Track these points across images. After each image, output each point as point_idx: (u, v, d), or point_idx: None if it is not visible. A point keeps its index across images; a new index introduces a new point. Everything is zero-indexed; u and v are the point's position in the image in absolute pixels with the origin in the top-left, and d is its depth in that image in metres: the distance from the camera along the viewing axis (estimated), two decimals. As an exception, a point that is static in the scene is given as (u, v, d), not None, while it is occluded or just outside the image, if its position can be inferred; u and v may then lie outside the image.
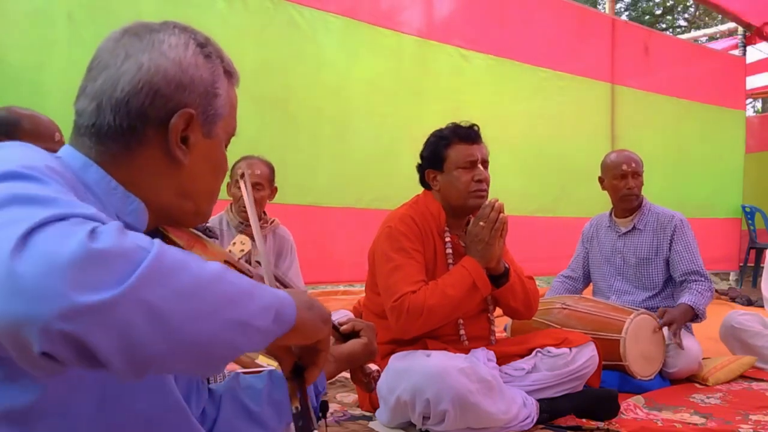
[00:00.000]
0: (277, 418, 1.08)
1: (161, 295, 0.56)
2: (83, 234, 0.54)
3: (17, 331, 0.52)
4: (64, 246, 0.53)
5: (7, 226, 0.54)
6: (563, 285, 3.28)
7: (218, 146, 0.89)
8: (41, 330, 0.51)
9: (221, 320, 0.60)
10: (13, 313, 0.52)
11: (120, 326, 0.54)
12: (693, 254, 2.95)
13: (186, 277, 0.58)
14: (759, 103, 14.53)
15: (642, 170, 3.06)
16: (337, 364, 1.17)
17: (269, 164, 2.93)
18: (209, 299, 0.60)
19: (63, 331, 0.52)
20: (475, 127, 2.24)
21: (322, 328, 0.79)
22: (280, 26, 3.86)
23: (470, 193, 2.18)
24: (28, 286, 0.52)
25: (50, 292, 0.51)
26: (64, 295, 0.52)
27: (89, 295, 0.52)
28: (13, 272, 0.52)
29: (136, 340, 0.55)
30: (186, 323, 0.57)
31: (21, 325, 0.52)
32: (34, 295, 0.51)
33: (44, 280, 0.52)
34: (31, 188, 0.60)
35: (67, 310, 0.51)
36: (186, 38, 0.84)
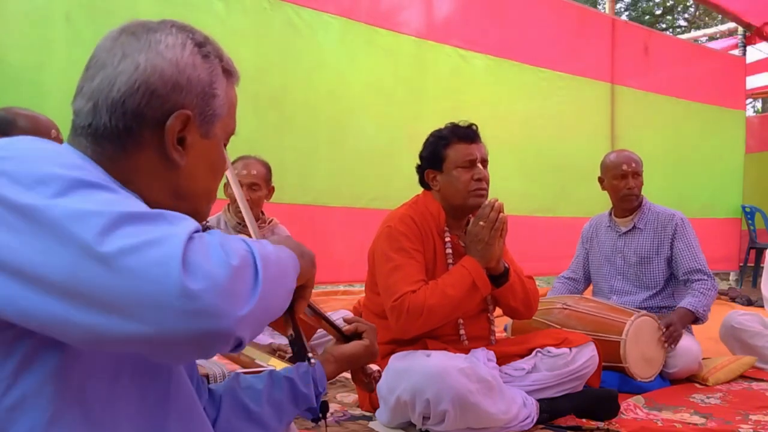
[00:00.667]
0: (277, 418, 1.08)
1: (268, 287, 0.69)
2: (220, 252, 0.65)
3: (202, 343, 0.63)
4: (215, 266, 0.64)
5: (155, 247, 0.61)
6: (565, 286, 3.27)
7: (216, 146, 0.88)
8: (224, 339, 0.64)
9: (284, 291, 0.79)
10: (200, 330, 0.62)
11: (256, 321, 0.68)
12: (695, 252, 2.95)
13: (271, 267, 0.71)
14: (759, 103, 14.53)
15: (642, 170, 3.05)
16: (338, 365, 1.17)
17: (266, 164, 2.92)
18: (280, 277, 0.76)
19: (237, 336, 0.65)
20: (474, 127, 2.24)
21: (311, 270, 0.95)
22: (277, 27, 3.86)
23: (470, 192, 2.18)
24: (208, 307, 0.62)
25: (226, 310, 0.63)
26: (235, 311, 0.64)
27: (244, 307, 0.65)
28: (190, 294, 0.61)
29: (259, 327, 0.71)
30: (275, 302, 0.74)
31: (208, 339, 0.63)
32: (215, 314, 0.62)
33: (218, 300, 0.62)
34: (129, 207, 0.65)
35: (239, 322, 0.64)
36: (184, 38, 0.83)
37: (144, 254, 0.60)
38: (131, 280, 0.60)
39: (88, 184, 0.66)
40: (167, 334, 0.61)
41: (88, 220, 0.61)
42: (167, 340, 0.62)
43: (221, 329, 0.63)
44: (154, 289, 0.60)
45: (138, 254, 0.60)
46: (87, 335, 0.62)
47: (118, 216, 0.62)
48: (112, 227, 0.61)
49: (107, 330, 0.61)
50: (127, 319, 0.60)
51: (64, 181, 0.65)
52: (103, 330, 0.61)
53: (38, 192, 0.63)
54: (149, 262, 0.60)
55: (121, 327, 0.60)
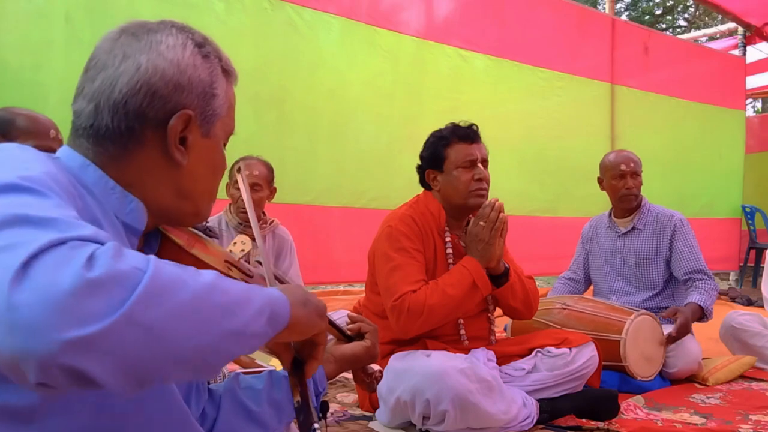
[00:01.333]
0: (276, 418, 1.08)
1: (157, 316, 0.56)
2: (80, 262, 0.54)
3: (15, 364, 0.53)
4: (61, 277, 0.53)
5: (6, 252, 0.54)
6: (565, 287, 3.27)
7: (217, 146, 0.88)
8: (38, 365, 0.52)
9: (217, 332, 0.61)
10: (11, 346, 0.52)
11: (117, 352, 0.54)
12: (695, 253, 2.95)
13: (181, 295, 0.59)
14: (759, 103, 14.53)
15: (641, 170, 3.05)
16: (338, 365, 1.17)
17: (268, 165, 2.92)
18: (204, 314, 0.60)
19: (60, 364, 0.52)
20: (474, 127, 2.24)
21: (317, 323, 0.80)
22: (278, 27, 3.86)
23: (470, 192, 2.18)
24: (26, 321, 0.52)
25: (47, 327, 0.52)
26: (60, 329, 0.52)
27: (86, 327, 0.53)
28: (12, 304, 0.52)
29: (133, 362, 0.56)
30: (183, 340, 0.58)
31: (18, 358, 0.52)
32: (32, 330, 0.52)
33: (41, 314, 0.52)
34: (30, 206, 0.60)
35: (64, 345, 0.52)
36: (184, 38, 0.83)
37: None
38: None
39: (10, 188, 0.62)
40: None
41: None
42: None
43: (32, 350, 0.51)
44: None
45: None
46: None
47: (4, 218, 0.57)
48: None
49: None
50: None
51: None
52: None
53: None
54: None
55: None
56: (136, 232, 0.83)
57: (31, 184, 0.63)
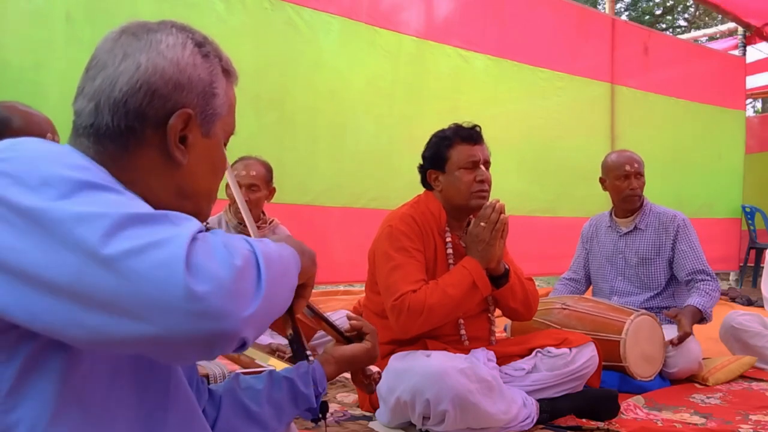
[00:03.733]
0: (276, 418, 1.08)
1: (271, 286, 0.70)
2: (222, 252, 0.66)
3: (206, 344, 0.64)
4: (219, 267, 0.64)
5: (157, 249, 0.62)
6: (566, 288, 3.27)
7: (217, 146, 0.88)
8: (228, 341, 0.65)
9: (287, 289, 0.79)
10: (204, 330, 0.62)
11: (260, 321, 0.69)
12: (697, 253, 2.95)
13: (274, 265, 0.72)
14: (759, 103, 14.53)
15: (643, 170, 3.06)
16: (337, 366, 1.17)
17: (266, 164, 2.92)
18: (283, 276, 0.76)
19: (241, 337, 0.66)
20: (477, 128, 2.24)
21: (312, 268, 0.95)
22: (278, 27, 3.86)
23: (472, 193, 2.18)
24: (212, 308, 0.62)
25: (231, 311, 0.64)
26: (240, 311, 0.64)
27: (249, 307, 0.66)
28: (194, 295, 0.61)
29: (262, 326, 0.71)
30: (278, 300, 0.74)
31: (212, 339, 0.63)
32: (220, 315, 0.63)
33: (223, 301, 0.63)
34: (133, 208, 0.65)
35: (243, 323, 0.65)
36: (184, 38, 0.83)
37: (147, 256, 0.61)
38: (136, 283, 0.60)
39: (92, 186, 0.66)
40: (174, 335, 0.62)
41: (93, 222, 0.62)
42: (174, 341, 0.62)
43: (226, 330, 0.63)
44: (159, 291, 0.60)
45: (142, 256, 0.61)
46: (94, 336, 0.63)
47: (121, 218, 0.63)
48: (116, 229, 0.62)
49: (114, 331, 0.62)
50: (134, 321, 0.61)
51: (69, 183, 0.65)
52: (110, 331, 0.62)
53: (43, 194, 0.64)
54: (153, 265, 0.61)
55: (129, 328, 0.61)
56: None
57: (103, 181, 0.69)
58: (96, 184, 0.67)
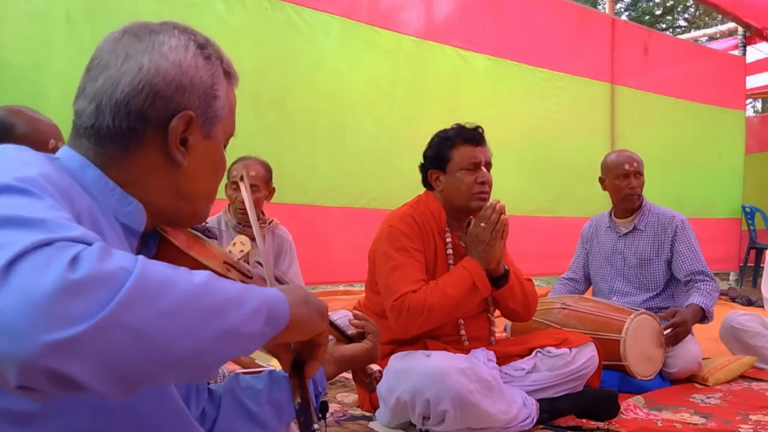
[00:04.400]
0: (276, 419, 1.08)
1: (144, 316, 0.55)
2: (64, 263, 0.53)
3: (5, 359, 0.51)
4: (43, 278, 0.52)
5: None
6: (565, 287, 3.27)
7: (217, 147, 0.89)
8: (18, 368, 0.51)
9: (210, 333, 0.60)
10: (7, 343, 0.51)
11: (100, 355, 0.53)
12: (696, 254, 2.95)
13: (171, 295, 0.58)
14: (759, 103, 14.53)
15: (643, 170, 3.06)
16: (338, 365, 1.17)
17: (266, 165, 2.92)
18: (196, 314, 0.59)
19: (42, 367, 0.51)
20: (480, 129, 2.23)
21: (318, 323, 0.80)
22: (278, 27, 3.86)
23: (473, 195, 2.18)
24: (6, 324, 0.51)
25: (28, 330, 0.51)
26: (41, 332, 0.51)
27: (67, 329, 0.51)
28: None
29: (119, 365, 0.54)
30: (173, 341, 0.57)
31: (2, 361, 0.51)
32: (12, 333, 0.51)
33: (21, 317, 0.51)
34: (22, 206, 0.59)
35: (45, 348, 0.51)
36: (186, 39, 0.83)
37: None
38: None
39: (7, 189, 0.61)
40: None
41: None
42: None
43: (14, 353, 0.50)
44: None
45: None
46: None
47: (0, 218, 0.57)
48: None
49: None
50: None
51: None
52: None
53: None
54: None
55: None
56: (135, 234, 0.83)
57: (24, 185, 0.62)
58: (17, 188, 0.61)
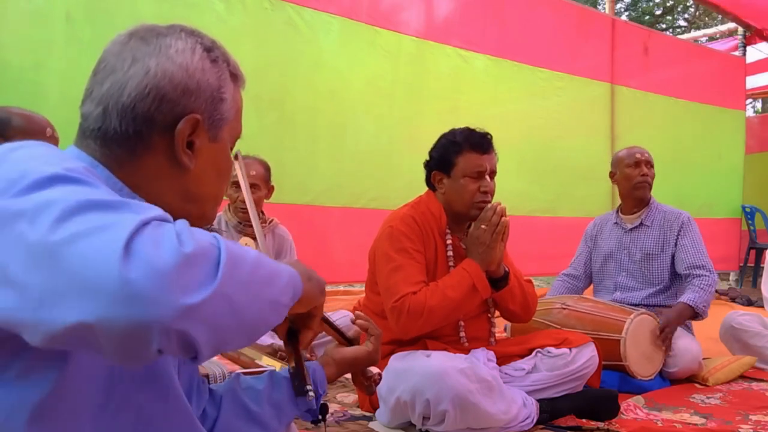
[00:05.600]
0: (277, 419, 1.08)
1: (234, 286, 0.63)
2: (173, 239, 0.60)
3: (138, 333, 0.58)
4: (163, 252, 0.59)
5: (101, 233, 0.58)
6: (564, 284, 3.27)
7: (224, 150, 0.89)
8: (161, 330, 0.58)
9: (265, 301, 0.69)
10: (132, 316, 0.57)
11: (213, 320, 0.61)
12: (699, 249, 2.96)
13: (245, 266, 0.66)
14: (759, 103, 14.53)
15: (653, 164, 3.08)
16: (339, 368, 1.17)
17: (265, 164, 2.93)
18: (258, 284, 0.68)
19: (178, 330, 0.59)
20: (489, 136, 2.21)
21: (318, 297, 0.88)
22: (278, 27, 3.85)
23: (474, 203, 2.17)
24: (144, 292, 0.57)
25: (165, 295, 0.58)
26: (175, 298, 0.58)
27: (193, 296, 0.59)
28: (127, 279, 0.56)
29: (220, 331, 0.63)
30: (247, 308, 0.66)
31: (143, 327, 0.57)
32: (152, 299, 0.57)
33: (157, 285, 0.57)
34: (92, 193, 0.63)
35: (180, 312, 0.58)
36: (193, 42, 0.83)
37: (90, 240, 0.58)
38: (75, 267, 0.57)
39: (62, 179, 0.63)
40: (105, 322, 0.57)
41: (48, 210, 0.59)
42: (106, 329, 0.57)
43: (157, 317, 0.57)
44: (94, 275, 0.57)
45: (84, 240, 0.58)
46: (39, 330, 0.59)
47: (76, 204, 0.60)
48: (69, 215, 0.59)
49: (53, 321, 0.57)
50: (70, 308, 0.57)
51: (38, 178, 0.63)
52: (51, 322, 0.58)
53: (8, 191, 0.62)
54: (92, 248, 0.57)
55: (66, 316, 0.57)
56: None
57: (78, 175, 0.65)
58: (66, 177, 0.64)
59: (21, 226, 0.59)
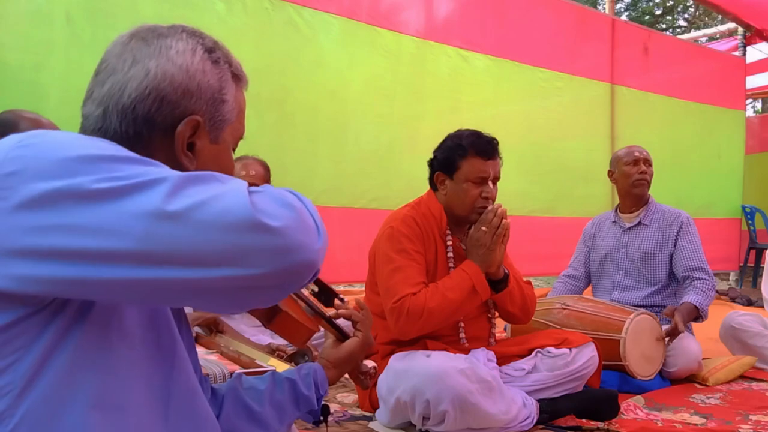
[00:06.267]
0: (278, 419, 1.09)
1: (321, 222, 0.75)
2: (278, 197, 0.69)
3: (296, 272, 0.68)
4: (282, 208, 0.68)
5: (222, 199, 0.64)
6: (565, 285, 3.27)
7: (225, 151, 0.89)
8: (311, 270, 0.70)
9: None
10: (291, 262, 0.67)
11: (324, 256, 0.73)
12: (697, 251, 2.96)
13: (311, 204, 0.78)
14: (759, 103, 14.53)
15: (652, 163, 3.09)
16: (338, 369, 1.18)
17: (264, 164, 2.93)
18: None
19: (318, 268, 0.71)
20: (495, 142, 2.21)
21: None
22: (278, 27, 3.85)
23: (475, 208, 2.18)
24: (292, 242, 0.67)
25: (305, 243, 0.69)
26: (312, 244, 0.69)
27: (318, 241, 0.71)
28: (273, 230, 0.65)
29: None
30: None
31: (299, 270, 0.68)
32: (299, 247, 0.67)
33: (297, 235, 0.68)
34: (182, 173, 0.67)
35: (318, 255, 0.70)
36: (194, 43, 0.83)
37: (213, 207, 0.63)
38: (207, 232, 0.63)
39: (135, 160, 0.68)
40: (267, 273, 0.65)
41: (152, 187, 0.64)
42: (266, 279, 0.66)
43: (308, 260, 0.68)
44: (234, 235, 0.63)
45: (207, 207, 0.63)
46: (186, 291, 0.66)
47: (179, 178, 0.65)
48: (177, 189, 0.64)
49: (201, 280, 0.64)
50: (224, 268, 0.64)
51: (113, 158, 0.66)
52: (198, 281, 0.64)
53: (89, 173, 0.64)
54: (220, 212, 0.63)
55: (220, 274, 0.64)
56: None
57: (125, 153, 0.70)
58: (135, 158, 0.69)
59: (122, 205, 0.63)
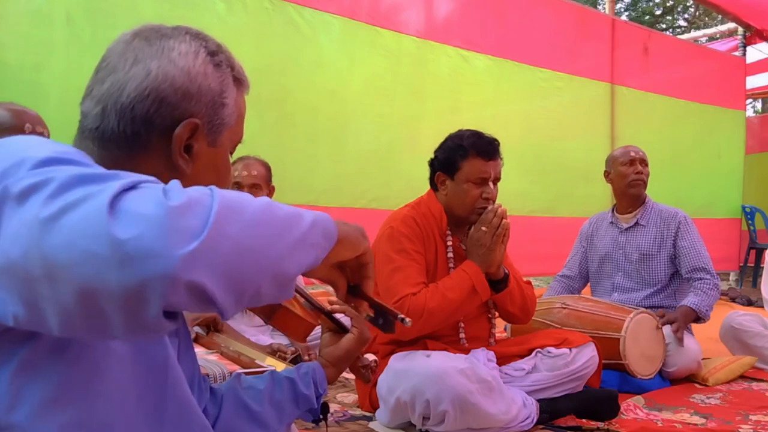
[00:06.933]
0: (277, 419, 1.09)
1: (238, 228, 0.60)
2: (159, 195, 0.58)
3: (141, 293, 0.55)
4: (150, 207, 0.56)
5: (87, 202, 0.56)
6: (560, 285, 3.28)
7: (223, 155, 0.88)
8: (168, 284, 0.55)
9: (285, 241, 0.66)
10: (134, 277, 0.54)
11: (217, 262, 0.58)
12: (698, 251, 2.96)
13: (248, 209, 0.63)
14: (759, 104, 14.53)
15: (648, 163, 3.08)
16: (337, 367, 1.18)
17: (265, 164, 2.93)
18: (271, 226, 0.65)
19: (186, 280, 0.56)
20: (496, 143, 2.21)
21: (362, 241, 0.83)
22: (279, 27, 3.85)
23: (475, 209, 2.18)
24: (140, 250, 0.54)
25: (162, 248, 0.55)
26: (173, 247, 0.55)
27: (190, 242, 0.56)
28: (117, 241, 0.54)
29: (231, 272, 0.59)
30: (263, 249, 0.63)
31: (145, 285, 0.55)
32: (150, 255, 0.54)
33: (152, 240, 0.55)
34: (84, 170, 0.60)
35: (181, 260, 0.55)
36: (197, 46, 0.83)
37: (76, 211, 0.55)
38: (66, 240, 0.55)
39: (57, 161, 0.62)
40: (105, 287, 0.54)
41: (41, 188, 0.58)
42: (107, 294, 0.55)
43: (161, 270, 0.55)
44: (86, 244, 0.54)
45: (72, 212, 0.55)
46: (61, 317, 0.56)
47: (67, 178, 0.58)
48: (60, 190, 0.57)
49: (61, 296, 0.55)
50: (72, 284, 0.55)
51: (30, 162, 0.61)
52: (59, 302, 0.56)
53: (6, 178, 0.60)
54: (79, 218, 0.55)
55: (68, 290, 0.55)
56: None
57: (72, 156, 0.64)
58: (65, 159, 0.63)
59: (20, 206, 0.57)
